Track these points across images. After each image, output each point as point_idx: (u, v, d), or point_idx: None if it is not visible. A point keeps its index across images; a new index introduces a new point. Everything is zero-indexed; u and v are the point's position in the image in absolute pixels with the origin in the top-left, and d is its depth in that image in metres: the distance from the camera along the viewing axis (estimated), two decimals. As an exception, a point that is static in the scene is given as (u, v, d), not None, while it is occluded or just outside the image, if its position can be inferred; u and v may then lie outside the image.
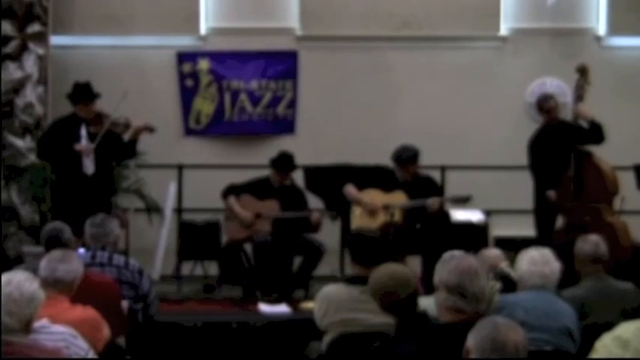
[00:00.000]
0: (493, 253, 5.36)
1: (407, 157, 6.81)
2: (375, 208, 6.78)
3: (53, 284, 3.77)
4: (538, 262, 4.15)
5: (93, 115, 6.43)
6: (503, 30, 8.66)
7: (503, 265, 5.01)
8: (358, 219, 6.84)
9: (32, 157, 7.87)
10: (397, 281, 3.76)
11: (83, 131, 6.37)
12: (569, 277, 4.59)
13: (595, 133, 6.70)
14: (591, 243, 4.60)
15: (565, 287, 4.53)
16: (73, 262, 3.93)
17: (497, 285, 4.50)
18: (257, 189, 7.03)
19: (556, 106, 7.03)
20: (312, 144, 8.31)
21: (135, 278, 4.89)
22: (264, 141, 8.48)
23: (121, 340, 4.49)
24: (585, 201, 6.63)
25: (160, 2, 8.54)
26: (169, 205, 8.06)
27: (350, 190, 6.91)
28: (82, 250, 4.94)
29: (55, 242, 4.73)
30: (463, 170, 8.33)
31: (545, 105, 7.06)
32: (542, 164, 6.96)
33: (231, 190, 7.04)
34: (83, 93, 6.46)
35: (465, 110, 8.53)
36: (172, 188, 8.13)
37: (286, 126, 8.62)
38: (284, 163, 7.06)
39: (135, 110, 6.87)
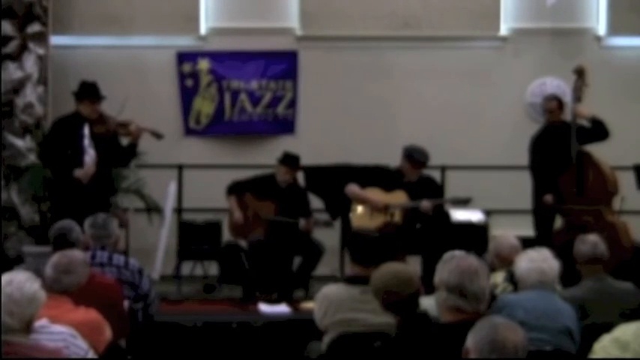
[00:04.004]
0: (508, 242, 5.00)
1: (421, 160, 6.79)
2: (382, 206, 6.76)
3: (58, 291, 3.76)
4: (536, 259, 4.15)
5: (96, 116, 6.41)
6: (503, 30, 8.65)
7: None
8: (358, 219, 6.84)
9: (32, 157, 7.88)
10: (400, 280, 3.77)
11: (86, 130, 6.33)
12: (570, 278, 4.60)
13: (598, 129, 6.74)
14: (589, 243, 4.60)
15: (566, 287, 4.54)
16: (77, 271, 3.88)
17: (509, 288, 4.48)
18: (261, 186, 7.03)
19: (557, 109, 7.03)
20: (312, 144, 8.30)
21: (135, 278, 4.88)
22: (264, 141, 8.48)
23: (122, 341, 4.48)
24: (586, 201, 6.64)
25: (160, 2, 8.54)
26: (169, 205, 8.06)
27: (354, 189, 6.89)
28: None
29: (62, 242, 4.64)
30: (463, 170, 8.33)
31: (546, 105, 7.10)
32: (542, 164, 6.97)
33: (236, 188, 7.03)
34: (90, 90, 6.44)
35: (465, 110, 8.52)
36: (172, 188, 8.13)
37: (286, 126, 8.61)
38: (293, 158, 7.05)
39: (135, 110, 6.87)
